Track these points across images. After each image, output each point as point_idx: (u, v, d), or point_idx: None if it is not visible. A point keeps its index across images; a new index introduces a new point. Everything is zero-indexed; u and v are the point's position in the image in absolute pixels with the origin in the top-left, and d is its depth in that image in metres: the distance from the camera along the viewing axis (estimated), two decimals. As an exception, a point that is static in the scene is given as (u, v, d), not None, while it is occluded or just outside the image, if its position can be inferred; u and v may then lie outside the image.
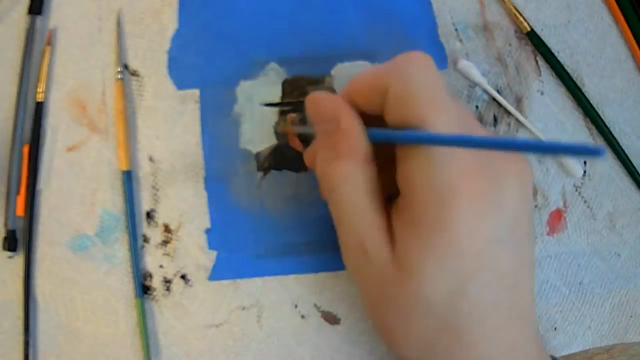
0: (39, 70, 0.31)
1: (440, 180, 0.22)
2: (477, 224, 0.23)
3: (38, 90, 0.31)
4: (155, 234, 0.32)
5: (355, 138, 0.24)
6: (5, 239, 0.30)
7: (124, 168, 0.31)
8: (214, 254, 0.32)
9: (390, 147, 0.25)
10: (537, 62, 0.33)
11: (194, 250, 0.32)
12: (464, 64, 0.32)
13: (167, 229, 0.32)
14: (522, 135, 0.32)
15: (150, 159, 0.32)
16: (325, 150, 0.26)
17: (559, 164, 0.32)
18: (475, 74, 0.32)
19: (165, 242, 0.32)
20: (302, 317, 0.32)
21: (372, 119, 0.25)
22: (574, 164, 0.32)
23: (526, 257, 0.25)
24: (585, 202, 0.33)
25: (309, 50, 0.32)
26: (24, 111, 0.31)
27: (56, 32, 0.32)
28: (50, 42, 0.31)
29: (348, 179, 0.24)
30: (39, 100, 0.31)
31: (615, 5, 0.33)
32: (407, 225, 0.24)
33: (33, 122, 0.31)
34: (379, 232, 0.24)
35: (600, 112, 0.32)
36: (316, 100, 0.26)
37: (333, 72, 0.32)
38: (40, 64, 0.31)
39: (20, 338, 0.30)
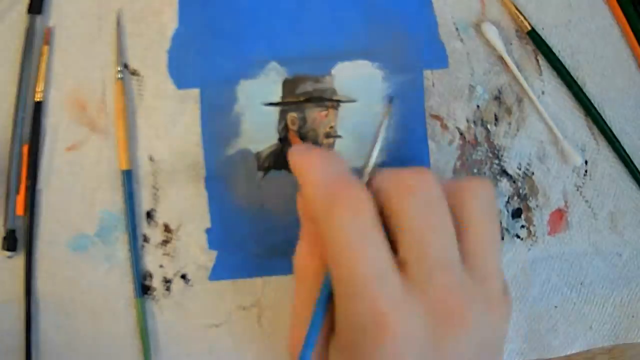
0: (38, 70, 0.31)
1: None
2: None
3: (37, 89, 0.31)
4: (155, 234, 0.32)
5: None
6: (5, 238, 0.30)
7: (124, 168, 0.31)
8: (214, 253, 0.32)
9: None
10: (537, 61, 0.33)
11: (194, 250, 0.32)
12: (488, 27, 0.31)
13: (167, 228, 0.32)
14: (524, 133, 0.32)
15: (150, 159, 0.32)
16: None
17: (558, 154, 0.32)
18: (497, 40, 0.31)
19: (165, 242, 0.32)
20: (303, 317, 0.31)
21: None
22: (573, 153, 0.32)
23: None
24: (586, 201, 0.33)
25: (310, 50, 0.32)
26: (24, 111, 0.31)
27: (56, 31, 0.32)
28: (48, 41, 0.31)
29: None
30: (39, 99, 0.31)
31: (616, 4, 0.32)
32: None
33: (33, 122, 0.31)
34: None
35: (601, 112, 0.32)
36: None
37: (333, 71, 0.32)
38: (39, 63, 0.31)
39: (20, 338, 0.30)
